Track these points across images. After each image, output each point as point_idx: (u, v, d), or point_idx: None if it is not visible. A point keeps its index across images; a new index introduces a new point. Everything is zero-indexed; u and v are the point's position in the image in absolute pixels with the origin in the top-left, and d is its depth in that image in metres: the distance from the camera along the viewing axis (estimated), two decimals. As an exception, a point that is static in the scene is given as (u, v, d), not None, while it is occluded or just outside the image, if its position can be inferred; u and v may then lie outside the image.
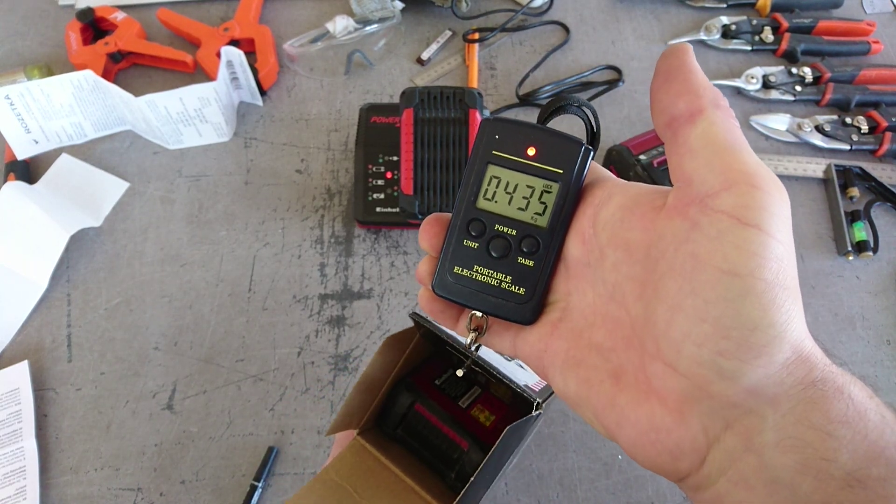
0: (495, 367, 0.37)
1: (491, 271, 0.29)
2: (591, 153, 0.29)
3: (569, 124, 0.41)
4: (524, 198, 0.28)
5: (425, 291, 0.30)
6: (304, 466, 0.53)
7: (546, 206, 0.28)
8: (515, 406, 0.44)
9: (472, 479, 0.35)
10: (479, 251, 0.29)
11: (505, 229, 0.28)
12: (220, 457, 0.53)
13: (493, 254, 0.28)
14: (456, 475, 0.42)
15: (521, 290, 0.28)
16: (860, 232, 0.63)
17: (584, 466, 0.52)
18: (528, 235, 0.28)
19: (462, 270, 0.29)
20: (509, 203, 0.28)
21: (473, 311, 0.29)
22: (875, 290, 0.61)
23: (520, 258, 0.28)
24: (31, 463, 0.52)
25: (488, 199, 0.29)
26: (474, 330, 0.29)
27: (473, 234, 0.29)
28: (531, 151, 0.28)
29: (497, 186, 0.29)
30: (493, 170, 0.29)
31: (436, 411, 0.43)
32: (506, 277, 0.28)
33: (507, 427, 0.34)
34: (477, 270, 0.29)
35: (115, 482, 0.52)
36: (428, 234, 0.29)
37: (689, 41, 0.76)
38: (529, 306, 0.28)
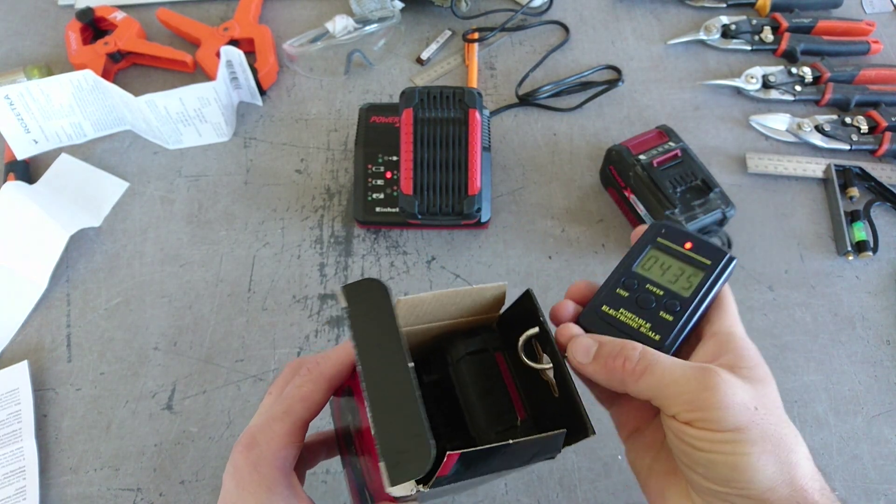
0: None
1: (634, 316, 0.35)
2: (734, 261, 0.36)
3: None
4: (675, 275, 0.36)
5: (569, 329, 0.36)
6: (303, 466, 0.53)
7: (691, 285, 0.36)
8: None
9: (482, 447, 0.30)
10: (628, 299, 0.36)
11: (654, 289, 0.36)
12: (220, 457, 0.53)
13: (640, 305, 0.36)
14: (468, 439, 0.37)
15: (657, 337, 0.34)
16: (860, 232, 0.63)
17: (584, 467, 0.52)
18: (673, 298, 0.35)
19: (609, 310, 0.36)
20: (662, 275, 0.36)
21: None
22: (875, 290, 0.61)
23: (662, 312, 0.35)
24: (31, 463, 0.52)
25: (645, 269, 0.37)
26: None
27: (626, 286, 0.36)
28: (688, 245, 0.37)
29: (654, 263, 0.37)
30: (652, 252, 0.37)
31: (514, 367, 0.38)
32: (645, 324, 0.35)
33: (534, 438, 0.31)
34: (622, 313, 0.36)
35: (115, 482, 0.52)
36: (577, 287, 0.38)
37: (688, 41, 0.76)
38: (662, 351, 0.33)
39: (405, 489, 0.28)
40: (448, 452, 0.28)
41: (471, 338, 0.38)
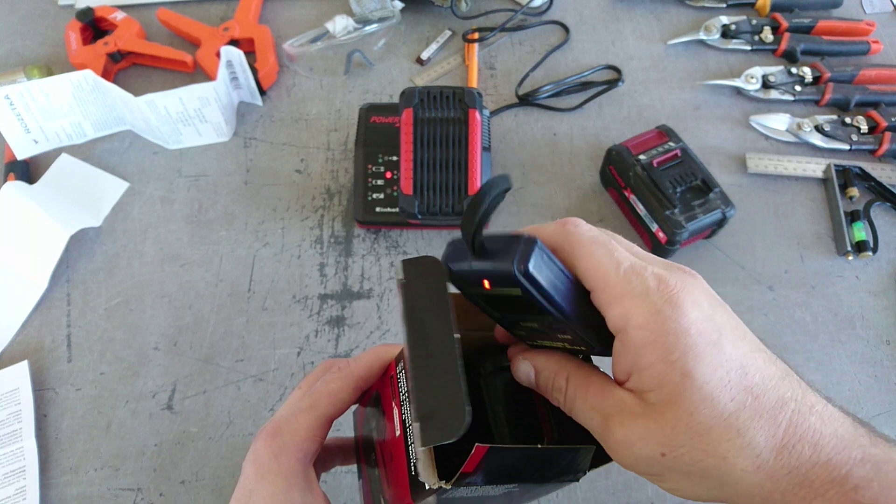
0: None
1: (550, 341, 0.32)
2: (524, 271, 0.26)
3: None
4: (523, 307, 0.29)
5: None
6: (303, 466, 0.53)
7: (542, 312, 0.28)
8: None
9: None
10: (527, 335, 0.32)
11: (528, 324, 0.31)
12: (220, 457, 0.53)
13: (543, 333, 0.31)
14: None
15: (584, 347, 0.31)
16: (860, 232, 0.63)
17: (584, 466, 0.52)
18: (553, 328, 0.30)
19: (535, 342, 0.33)
20: (515, 312, 0.31)
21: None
22: (875, 290, 0.61)
23: (559, 334, 0.30)
24: (31, 463, 0.52)
25: (499, 312, 0.31)
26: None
27: (511, 328, 0.32)
28: (486, 284, 0.28)
29: (495, 304, 0.30)
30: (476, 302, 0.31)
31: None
32: (564, 343, 0.31)
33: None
34: (540, 343, 0.33)
35: (115, 482, 0.52)
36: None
37: (688, 41, 0.76)
38: (597, 351, 0.31)
39: (429, 477, 0.28)
40: (477, 444, 0.27)
41: (504, 353, 0.38)
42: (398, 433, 0.30)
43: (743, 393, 0.25)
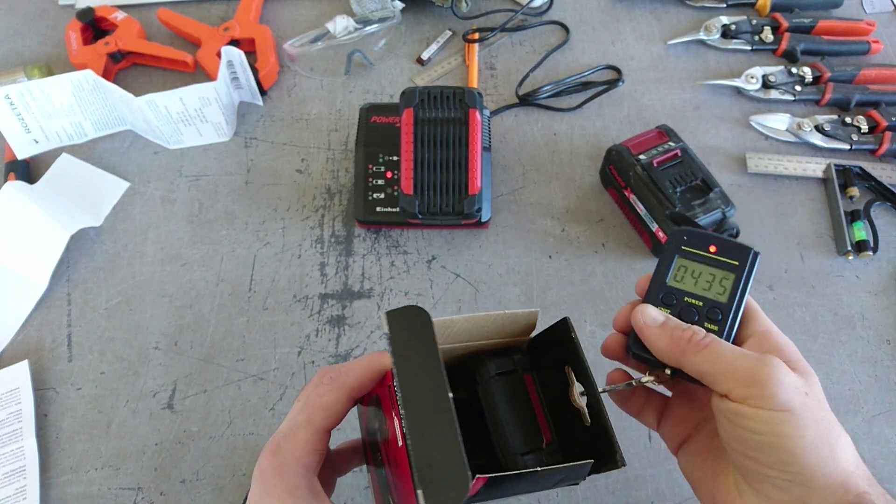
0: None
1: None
2: (759, 256, 0.38)
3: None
4: (707, 282, 0.38)
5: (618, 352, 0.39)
6: (304, 466, 0.53)
7: (726, 289, 0.37)
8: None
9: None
10: (672, 316, 0.37)
11: (693, 301, 0.37)
12: (221, 456, 0.53)
13: (685, 319, 0.36)
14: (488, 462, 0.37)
15: None
16: (860, 231, 0.63)
17: (584, 466, 0.52)
18: (713, 306, 0.37)
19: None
20: (695, 285, 0.38)
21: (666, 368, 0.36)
22: (875, 289, 0.61)
23: (706, 323, 0.36)
24: (31, 462, 0.52)
25: (678, 281, 0.38)
26: (660, 382, 0.38)
27: (666, 302, 0.38)
28: (713, 249, 0.38)
29: (685, 273, 0.38)
30: (680, 262, 0.39)
31: (542, 390, 0.38)
32: None
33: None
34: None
35: (116, 482, 0.52)
36: (640, 283, 0.40)
37: (688, 41, 0.76)
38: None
39: None
40: (476, 476, 0.28)
41: (500, 358, 0.38)
42: (400, 443, 0.31)
43: None
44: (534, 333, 0.39)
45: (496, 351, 0.39)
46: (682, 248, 0.39)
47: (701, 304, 0.37)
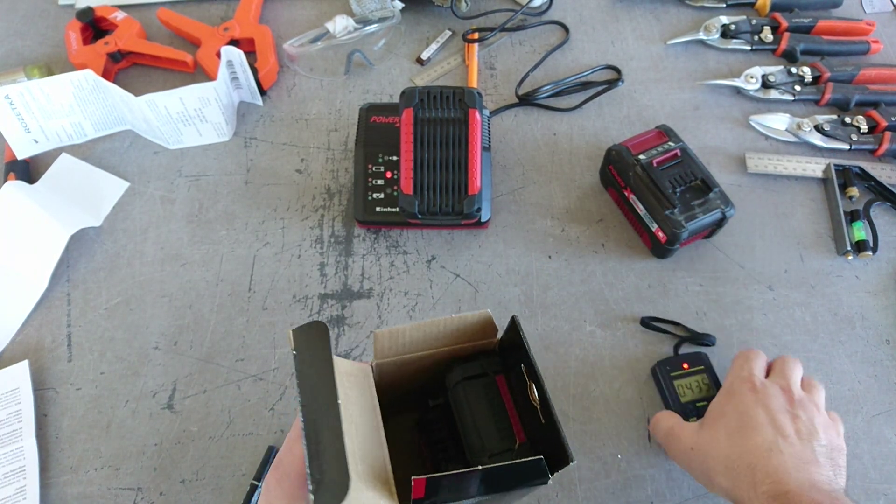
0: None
1: None
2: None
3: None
4: (698, 387, 0.54)
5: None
6: (303, 466, 0.53)
7: (709, 385, 0.55)
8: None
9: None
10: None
11: (699, 405, 0.53)
12: (221, 456, 0.53)
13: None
14: (462, 459, 0.38)
15: None
16: (859, 231, 0.63)
17: (584, 466, 0.52)
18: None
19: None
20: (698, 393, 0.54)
21: None
22: (874, 289, 0.61)
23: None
24: (31, 462, 0.52)
25: (684, 397, 0.54)
26: None
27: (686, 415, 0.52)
28: (685, 366, 0.55)
29: (684, 388, 0.54)
30: (676, 383, 0.54)
31: (514, 393, 0.39)
32: None
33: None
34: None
35: (115, 482, 0.52)
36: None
37: (688, 41, 0.76)
38: None
39: None
40: (413, 478, 0.30)
41: (469, 363, 0.40)
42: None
43: None
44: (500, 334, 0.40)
45: (469, 356, 0.40)
46: (671, 374, 0.54)
47: (704, 404, 0.52)
